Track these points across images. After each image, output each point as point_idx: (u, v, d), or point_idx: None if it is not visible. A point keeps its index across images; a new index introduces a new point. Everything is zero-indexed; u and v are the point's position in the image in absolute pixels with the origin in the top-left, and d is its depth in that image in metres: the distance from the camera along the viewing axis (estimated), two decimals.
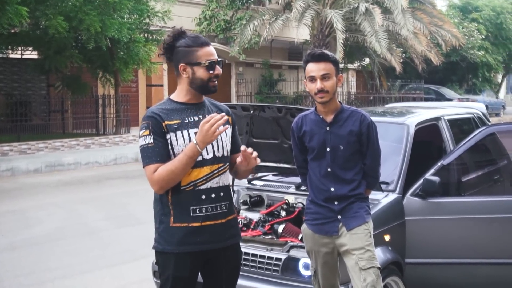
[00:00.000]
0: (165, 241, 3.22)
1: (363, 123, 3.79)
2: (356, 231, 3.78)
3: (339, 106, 3.86)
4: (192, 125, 3.22)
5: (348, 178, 3.82)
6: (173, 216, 3.20)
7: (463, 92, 34.56)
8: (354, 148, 3.81)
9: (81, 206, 10.37)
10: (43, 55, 17.72)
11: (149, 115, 3.20)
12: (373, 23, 19.98)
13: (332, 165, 3.82)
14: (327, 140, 3.82)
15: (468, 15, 34.34)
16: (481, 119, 6.54)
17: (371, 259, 3.75)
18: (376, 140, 3.86)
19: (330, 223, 3.84)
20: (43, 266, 6.89)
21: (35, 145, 16.46)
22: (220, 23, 23.36)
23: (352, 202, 3.82)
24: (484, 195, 5.30)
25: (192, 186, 3.20)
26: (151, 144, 3.15)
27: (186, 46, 3.24)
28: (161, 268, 3.30)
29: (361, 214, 3.81)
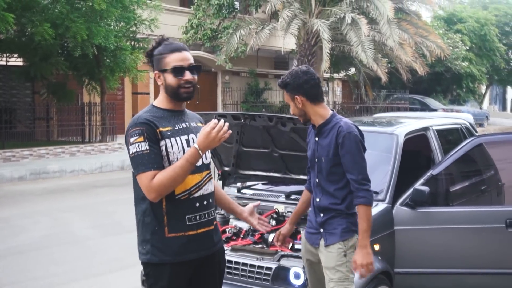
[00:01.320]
0: (161, 252, 3.16)
1: (339, 135, 3.70)
2: (331, 249, 3.75)
3: (324, 118, 3.81)
4: (182, 132, 3.21)
5: (330, 191, 3.78)
6: (168, 226, 3.16)
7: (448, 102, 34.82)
8: (333, 161, 3.73)
9: (67, 214, 10.29)
10: (29, 62, 17.63)
11: (142, 122, 3.13)
12: (359, 33, 20.08)
13: (319, 176, 3.84)
14: (315, 151, 3.85)
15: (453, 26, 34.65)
16: (469, 129, 6.59)
17: (341, 281, 3.70)
18: (352, 152, 3.68)
19: (315, 234, 3.87)
20: (28, 275, 6.83)
21: (20, 153, 16.33)
22: (207, 31, 23.38)
23: (333, 217, 3.78)
24: (472, 205, 5.33)
25: (187, 195, 3.18)
26: (146, 151, 3.08)
27: (159, 53, 3.23)
28: (152, 279, 3.23)
29: (338, 232, 3.74)
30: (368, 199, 3.68)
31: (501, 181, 5.82)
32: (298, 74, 3.80)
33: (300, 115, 3.86)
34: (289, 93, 3.81)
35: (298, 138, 4.81)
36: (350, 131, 3.70)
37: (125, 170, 16.24)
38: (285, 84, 3.82)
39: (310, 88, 3.78)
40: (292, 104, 3.84)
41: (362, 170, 3.70)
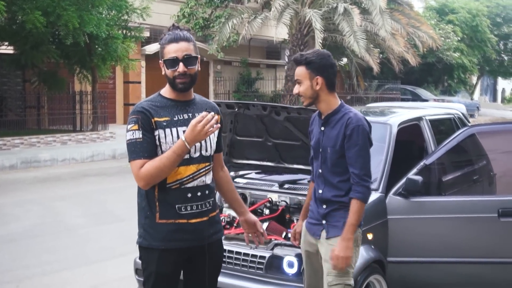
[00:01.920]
0: (151, 236, 3.21)
1: (348, 126, 3.59)
2: (332, 242, 3.67)
3: (333, 107, 3.70)
4: (181, 123, 3.20)
5: (334, 183, 3.69)
6: (159, 212, 3.19)
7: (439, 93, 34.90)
8: (339, 153, 3.64)
9: (59, 203, 10.26)
10: (19, 50, 17.48)
11: (138, 110, 3.16)
12: (352, 23, 20.07)
13: (322, 167, 3.73)
14: (320, 141, 3.74)
15: (445, 17, 34.68)
16: (461, 119, 6.61)
17: (340, 275, 3.63)
18: (359, 145, 3.59)
19: (316, 225, 3.78)
20: (20, 263, 6.81)
21: (11, 141, 16.25)
22: (199, 20, 23.29)
23: (336, 209, 3.69)
24: (464, 195, 5.36)
25: (178, 184, 3.19)
26: (139, 139, 3.12)
27: (160, 44, 3.27)
28: (144, 263, 3.30)
29: (341, 225, 3.64)
30: (365, 195, 3.61)
31: (493, 171, 5.85)
32: (325, 56, 3.67)
33: (310, 97, 3.68)
34: (310, 71, 3.63)
35: (292, 127, 4.82)
36: (360, 124, 3.60)
37: (117, 159, 16.23)
38: (309, 61, 3.64)
39: (333, 74, 3.69)
40: (307, 84, 3.65)
41: (365, 165, 3.62)
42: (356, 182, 3.60)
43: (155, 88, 3.32)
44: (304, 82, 3.65)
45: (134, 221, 3.38)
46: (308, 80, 3.64)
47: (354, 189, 3.60)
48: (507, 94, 59.66)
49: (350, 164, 3.61)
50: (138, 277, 4.92)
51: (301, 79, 3.67)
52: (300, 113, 4.67)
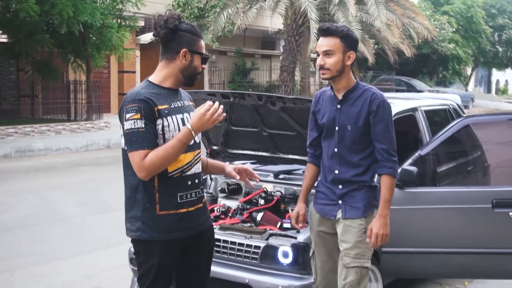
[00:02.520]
0: (152, 229, 3.15)
1: (373, 102, 3.56)
2: (351, 223, 3.63)
3: (352, 84, 3.67)
4: (177, 111, 3.19)
5: (354, 161, 3.64)
6: (159, 203, 3.14)
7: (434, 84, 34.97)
8: (362, 130, 3.60)
9: (53, 192, 10.25)
10: (13, 38, 17.40)
11: (141, 99, 3.06)
12: (347, 13, 20.03)
13: (339, 146, 3.67)
14: (337, 119, 3.67)
15: (440, 8, 34.70)
16: (456, 110, 6.60)
17: (358, 257, 3.60)
18: (387, 120, 3.60)
19: (331, 206, 3.73)
20: (14, 253, 6.81)
21: (5, 130, 16.22)
22: (194, 10, 23.20)
23: (355, 189, 3.66)
24: (458, 186, 5.36)
25: (180, 172, 3.17)
26: (141, 129, 3.03)
27: (192, 33, 3.21)
28: (143, 257, 3.22)
29: (361, 207, 3.63)
30: (395, 170, 3.62)
31: (487, 162, 5.86)
32: (354, 33, 3.69)
33: (337, 71, 3.59)
34: (344, 44, 3.57)
35: (287, 118, 4.81)
36: (384, 99, 3.61)
37: (111, 149, 16.19)
38: (345, 34, 3.59)
39: (356, 52, 3.70)
40: (339, 57, 3.57)
41: (393, 140, 3.63)
42: (386, 158, 3.59)
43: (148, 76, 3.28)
44: (336, 54, 3.58)
45: None
46: (341, 54, 3.58)
47: (384, 165, 3.59)
48: (501, 85, 59.73)
49: (377, 140, 3.60)
50: (133, 267, 4.92)
51: (334, 51, 3.58)
52: (296, 103, 4.66)
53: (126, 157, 3.16)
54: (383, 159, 3.61)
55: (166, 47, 3.21)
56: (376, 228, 3.58)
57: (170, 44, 3.19)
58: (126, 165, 3.20)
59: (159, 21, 3.17)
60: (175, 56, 3.19)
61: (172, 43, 3.19)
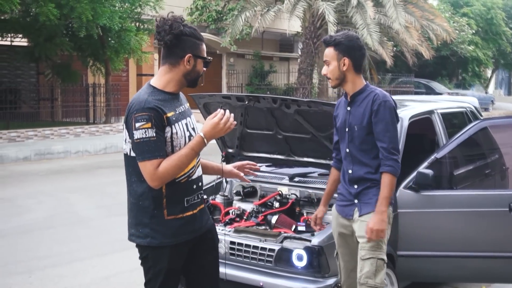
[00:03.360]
0: (161, 234, 3.16)
1: (375, 102, 3.70)
2: (365, 218, 3.75)
3: (359, 87, 3.81)
4: (182, 116, 3.20)
5: (364, 161, 3.78)
6: (167, 209, 3.15)
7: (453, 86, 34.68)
8: (367, 130, 3.74)
9: (71, 194, 10.33)
10: (33, 42, 17.59)
11: (150, 107, 3.04)
12: (365, 16, 19.99)
13: (350, 146, 3.83)
14: (347, 120, 3.84)
15: (459, 9, 34.43)
16: (474, 113, 6.55)
17: (373, 249, 3.70)
18: (386, 119, 3.69)
19: (349, 206, 3.87)
20: (32, 255, 6.87)
21: (25, 133, 16.36)
22: (212, 13, 23.28)
23: (368, 187, 3.78)
24: (475, 189, 5.32)
25: (186, 178, 3.19)
26: (153, 138, 3.02)
27: (195, 37, 3.20)
28: (152, 261, 3.22)
29: (373, 201, 3.74)
30: (395, 168, 3.69)
31: (505, 165, 5.81)
32: (353, 38, 3.79)
33: (337, 78, 3.80)
34: (338, 51, 3.76)
35: (302, 120, 4.80)
36: (386, 99, 3.73)
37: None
38: (338, 42, 3.76)
39: (360, 56, 3.80)
40: (335, 64, 3.77)
41: (393, 139, 3.72)
42: (385, 156, 3.70)
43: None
44: (332, 63, 3.78)
45: None
46: (336, 61, 3.77)
47: (384, 163, 3.70)
48: None
49: (378, 139, 3.71)
50: None
51: (329, 60, 3.80)
52: (310, 106, 4.66)
53: (130, 164, 3.16)
54: (383, 158, 3.72)
55: (169, 51, 3.18)
56: (371, 223, 3.69)
57: (174, 49, 3.17)
58: (130, 171, 3.19)
59: (163, 26, 3.13)
60: (179, 61, 3.17)
61: (176, 48, 3.16)
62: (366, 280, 3.69)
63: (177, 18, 3.17)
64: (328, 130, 4.72)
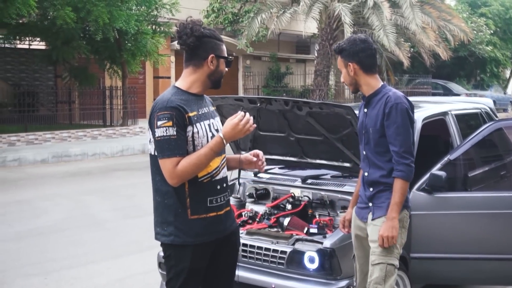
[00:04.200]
0: (185, 233, 3.20)
1: (387, 105, 3.67)
2: (376, 222, 3.74)
3: (374, 89, 3.80)
4: (204, 117, 3.24)
5: (379, 164, 3.76)
6: (190, 208, 3.19)
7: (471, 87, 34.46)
8: (380, 132, 3.72)
9: (87, 197, 10.40)
10: (51, 45, 17.75)
11: (172, 106, 3.11)
12: (381, 17, 19.92)
13: (366, 148, 3.83)
14: (363, 122, 3.84)
15: (477, 9, 34.19)
16: (489, 114, 6.50)
17: (383, 255, 3.66)
18: (398, 123, 3.65)
19: (365, 209, 3.87)
20: (48, 256, 6.92)
21: (42, 136, 16.50)
22: (228, 15, 23.32)
23: (382, 190, 3.76)
24: (490, 191, 5.28)
25: (209, 178, 3.22)
26: (173, 137, 3.08)
27: (216, 38, 3.28)
28: (174, 260, 3.26)
29: (385, 206, 3.71)
30: (406, 174, 3.65)
31: None
32: (356, 42, 3.79)
33: (350, 84, 3.84)
34: (343, 59, 3.80)
35: (314, 123, 4.79)
36: (398, 102, 3.68)
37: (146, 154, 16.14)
38: (341, 49, 3.81)
39: (366, 57, 3.77)
40: (344, 71, 3.82)
41: (405, 143, 3.67)
42: (397, 161, 3.67)
43: None
44: (342, 71, 3.83)
45: None
46: (344, 68, 3.80)
47: (395, 168, 3.68)
48: None
49: (390, 143, 3.69)
50: (162, 271, 4.96)
51: (340, 68, 3.84)
52: (322, 108, 4.65)
53: (154, 163, 3.21)
54: (395, 162, 3.70)
55: (192, 54, 3.26)
56: (381, 230, 3.67)
57: (196, 51, 3.24)
58: (154, 170, 3.24)
59: (184, 29, 3.22)
60: (202, 62, 3.25)
61: (199, 50, 3.24)
62: (375, 286, 3.67)
63: (196, 21, 3.26)
64: (340, 132, 4.72)
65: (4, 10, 13.81)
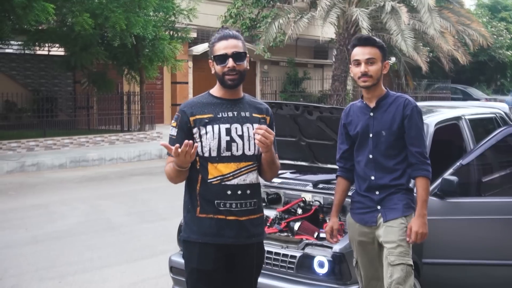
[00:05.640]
0: (190, 230, 3.30)
1: (407, 107, 3.74)
2: (392, 224, 3.72)
3: (383, 92, 3.84)
4: (224, 120, 3.26)
5: (390, 166, 3.76)
6: (200, 206, 3.27)
7: (491, 92, 34.16)
8: (397, 134, 3.74)
9: (104, 201, 10.46)
10: (69, 51, 17.88)
11: (181, 108, 3.33)
12: (399, 22, 19.80)
13: (374, 152, 3.79)
14: (370, 126, 3.80)
15: (497, 14, 33.94)
16: (504, 119, 6.45)
17: (402, 255, 3.68)
18: (420, 124, 3.77)
19: (370, 213, 3.82)
20: (64, 260, 6.98)
21: (61, 141, 16.64)
22: (246, 21, 23.35)
23: (392, 193, 3.76)
24: (503, 196, 5.22)
25: (219, 180, 3.24)
26: (173, 137, 3.30)
27: (210, 43, 3.38)
28: (185, 259, 3.38)
29: (400, 207, 3.73)
30: (430, 172, 3.77)
31: None
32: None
33: (377, 79, 3.78)
34: (382, 54, 3.80)
35: (325, 127, 4.80)
36: (415, 105, 3.79)
37: (163, 159, 16.38)
38: (382, 46, 3.82)
39: None
40: (379, 66, 3.77)
41: (425, 144, 3.80)
42: (421, 161, 3.74)
43: (202, 88, 3.43)
44: (377, 63, 3.78)
45: (176, 220, 3.48)
46: (380, 62, 3.79)
47: (420, 167, 3.74)
48: None
49: (412, 144, 3.74)
50: (173, 275, 4.99)
51: (375, 59, 3.77)
52: (333, 112, 4.65)
53: None
54: (418, 162, 3.75)
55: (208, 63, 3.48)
56: (416, 227, 3.71)
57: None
58: None
59: None
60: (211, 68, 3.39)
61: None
62: (397, 286, 3.66)
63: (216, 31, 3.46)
64: None
65: (24, 17, 13.95)
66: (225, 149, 3.23)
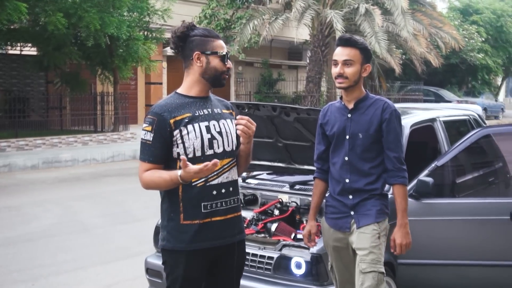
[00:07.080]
0: (175, 239, 3.17)
1: (386, 110, 3.67)
2: (364, 230, 3.67)
3: (363, 94, 3.77)
4: (202, 118, 3.20)
5: (365, 170, 3.69)
6: (183, 213, 3.16)
7: (462, 94, 34.60)
8: (374, 138, 3.68)
9: (77, 203, 10.35)
10: (42, 51, 17.69)
11: (156, 111, 3.16)
12: (373, 24, 19.97)
13: (350, 154, 3.72)
14: (347, 127, 3.73)
15: (469, 17, 34.38)
16: (477, 121, 6.53)
17: (374, 263, 3.62)
18: (398, 129, 3.71)
19: (343, 219, 3.76)
20: (37, 262, 6.89)
21: (33, 142, 16.44)
22: (220, 22, 23.33)
23: (366, 199, 3.70)
24: (478, 197, 5.29)
25: (203, 182, 3.16)
26: (148, 142, 3.14)
27: (202, 35, 3.23)
28: (169, 267, 3.24)
29: (373, 213, 3.68)
30: (407, 179, 3.73)
31: (510, 173, 5.78)
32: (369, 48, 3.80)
33: (355, 81, 3.69)
34: (363, 56, 3.71)
35: (302, 128, 4.81)
36: (395, 108, 3.72)
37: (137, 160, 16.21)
38: (364, 47, 3.73)
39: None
40: (358, 68, 3.68)
41: (402, 149, 3.75)
42: (398, 168, 3.68)
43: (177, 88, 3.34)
44: (355, 65, 3.68)
45: (151, 221, 3.38)
46: (359, 65, 3.70)
47: (397, 174, 3.69)
48: None
49: (390, 149, 3.68)
50: (149, 277, 4.96)
51: (353, 61, 3.69)
52: (310, 114, 4.66)
53: None
54: (394, 169, 3.68)
55: (182, 56, 3.27)
56: (399, 239, 3.71)
57: (184, 52, 3.25)
58: None
59: (172, 33, 3.26)
60: (191, 61, 3.23)
61: (186, 50, 3.24)
62: None
63: (185, 24, 3.26)
64: None
65: None
66: (208, 147, 3.17)
